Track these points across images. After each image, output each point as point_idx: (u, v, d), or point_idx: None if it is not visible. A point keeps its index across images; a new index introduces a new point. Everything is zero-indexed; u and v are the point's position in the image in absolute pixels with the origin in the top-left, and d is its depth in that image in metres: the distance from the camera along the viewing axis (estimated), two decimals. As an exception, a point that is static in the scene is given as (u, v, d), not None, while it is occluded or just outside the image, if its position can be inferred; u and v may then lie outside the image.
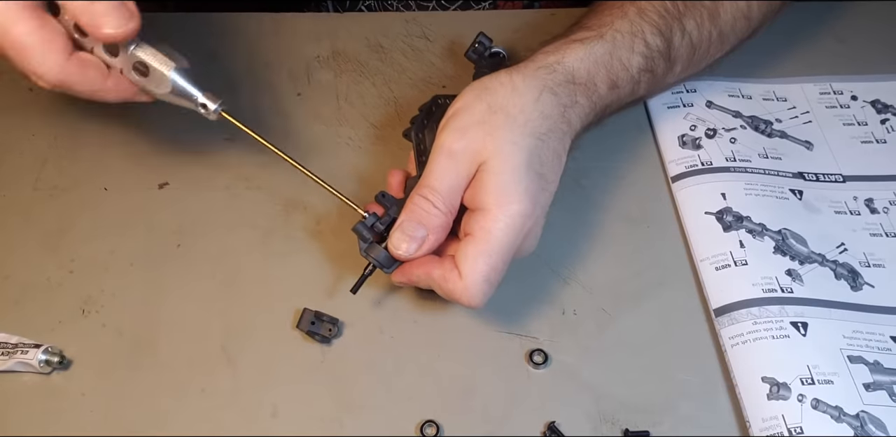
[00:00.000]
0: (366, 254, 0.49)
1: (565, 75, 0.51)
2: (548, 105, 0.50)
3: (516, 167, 0.47)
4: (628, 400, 0.49)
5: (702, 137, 0.61)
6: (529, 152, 0.48)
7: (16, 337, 0.51)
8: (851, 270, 0.54)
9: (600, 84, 0.53)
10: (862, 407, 0.47)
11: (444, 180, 0.48)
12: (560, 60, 0.52)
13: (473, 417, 0.49)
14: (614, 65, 0.53)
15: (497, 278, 0.48)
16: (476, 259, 0.46)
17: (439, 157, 0.48)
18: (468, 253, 0.47)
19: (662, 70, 0.56)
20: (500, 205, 0.47)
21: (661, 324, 0.52)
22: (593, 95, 0.53)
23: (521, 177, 0.47)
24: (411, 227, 0.48)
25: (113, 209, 0.58)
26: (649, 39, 0.54)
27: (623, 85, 0.54)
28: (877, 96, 0.65)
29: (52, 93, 0.65)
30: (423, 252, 0.48)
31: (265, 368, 0.51)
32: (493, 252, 0.47)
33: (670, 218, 0.58)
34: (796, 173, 0.59)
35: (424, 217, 0.48)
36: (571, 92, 0.51)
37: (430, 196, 0.48)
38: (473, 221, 0.48)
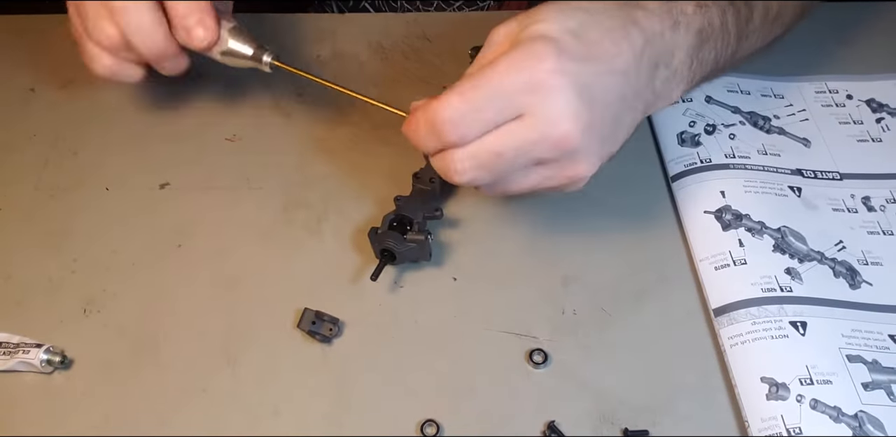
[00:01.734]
0: (378, 244, 0.52)
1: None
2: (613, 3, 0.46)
3: (549, 23, 0.43)
4: (628, 400, 0.49)
5: (701, 133, 0.61)
6: (568, 17, 0.43)
7: (17, 337, 0.51)
8: (850, 268, 0.54)
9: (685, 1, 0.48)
10: (860, 407, 0.47)
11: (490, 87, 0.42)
12: None
13: (473, 417, 0.49)
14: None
15: (477, 105, 0.42)
16: (461, 82, 0.42)
17: (491, 40, 0.45)
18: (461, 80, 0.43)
19: (745, 15, 0.52)
20: (514, 47, 0.42)
21: (661, 324, 0.53)
22: (674, 9, 0.47)
23: (555, 30, 0.42)
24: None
25: (114, 209, 0.58)
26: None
27: (710, 5, 0.49)
28: (872, 95, 0.65)
29: (53, 93, 0.65)
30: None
31: (266, 368, 0.51)
32: (478, 74, 0.42)
33: (670, 218, 0.58)
34: (795, 170, 0.60)
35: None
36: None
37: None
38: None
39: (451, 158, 0.44)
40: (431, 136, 0.43)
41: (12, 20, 0.71)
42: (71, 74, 0.67)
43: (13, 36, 0.69)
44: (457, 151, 0.43)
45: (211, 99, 0.65)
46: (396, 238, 0.52)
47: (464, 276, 0.55)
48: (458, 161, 0.44)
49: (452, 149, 0.43)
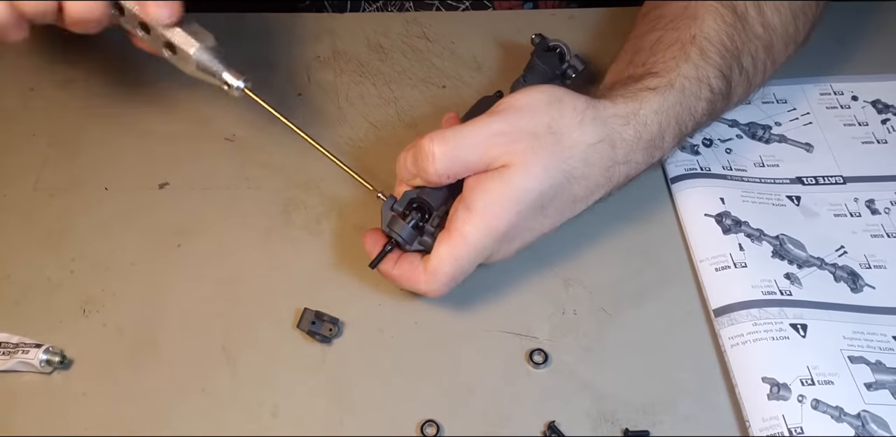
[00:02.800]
0: (388, 229, 0.50)
1: (636, 131, 0.50)
2: (598, 155, 0.49)
3: (528, 190, 0.47)
4: (628, 400, 0.49)
5: (699, 144, 0.61)
6: (550, 185, 0.48)
7: (17, 337, 0.51)
8: (851, 272, 0.54)
9: (668, 139, 0.52)
10: (864, 407, 0.47)
11: (464, 149, 0.47)
12: (636, 112, 0.50)
13: (473, 417, 0.49)
14: (683, 116, 0.52)
15: (462, 277, 0.49)
16: (444, 261, 0.48)
17: (479, 128, 0.48)
18: (440, 252, 0.48)
19: (720, 108, 0.56)
20: (487, 216, 0.47)
21: (661, 324, 0.52)
22: (656, 152, 0.52)
23: (525, 202, 0.47)
24: (408, 160, 0.49)
25: (113, 209, 0.58)
26: (713, 83, 0.53)
27: (688, 133, 0.54)
28: (877, 96, 0.65)
29: (53, 93, 0.65)
30: (415, 184, 0.50)
31: (265, 368, 0.51)
32: (462, 257, 0.48)
33: (670, 218, 0.58)
34: (794, 179, 0.59)
35: (419, 164, 0.48)
36: (633, 150, 0.50)
37: (437, 149, 0.47)
38: (457, 217, 0.48)
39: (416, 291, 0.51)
40: (417, 290, 0.51)
41: (12, 20, 0.70)
42: (70, 74, 0.67)
43: (13, 36, 0.69)
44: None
45: (210, 99, 0.65)
46: (408, 233, 0.50)
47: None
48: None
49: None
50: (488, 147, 0.47)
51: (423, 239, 0.50)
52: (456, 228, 0.48)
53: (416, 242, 0.50)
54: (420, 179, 0.49)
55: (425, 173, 0.48)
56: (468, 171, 0.48)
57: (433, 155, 0.47)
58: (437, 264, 0.48)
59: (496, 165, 0.47)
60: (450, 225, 0.48)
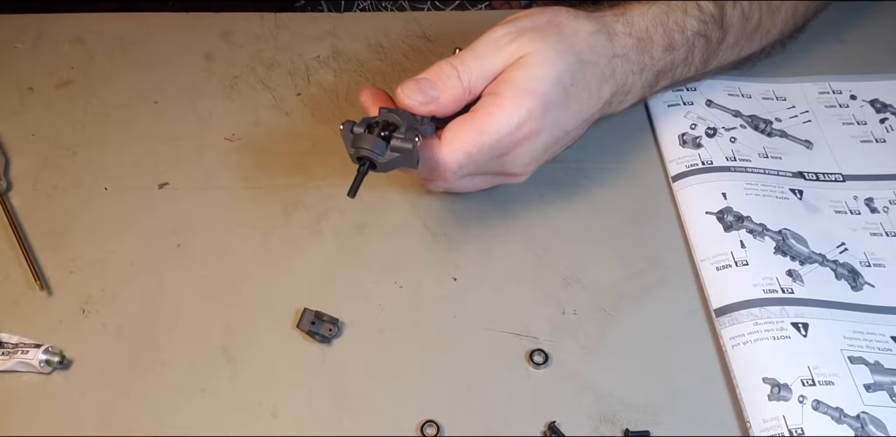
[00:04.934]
0: (354, 149, 0.45)
1: (625, 26, 0.53)
2: (600, 43, 0.51)
3: (549, 70, 0.48)
4: (628, 400, 0.49)
5: (702, 136, 0.61)
6: (566, 65, 0.49)
7: (16, 337, 0.51)
8: (852, 270, 0.54)
9: (657, 43, 0.54)
10: (862, 408, 0.47)
11: (478, 60, 0.49)
12: (623, 12, 0.53)
13: (473, 417, 0.49)
14: (670, 25, 0.54)
15: (477, 160, 0.48)
16: (465, 131, 0.47)
17: (485, 38, 0.49)
18: (461, 124, 0.48)
19: (717, 38, 0.57)
20: (514, 95, 0.47)
21: (662, 324, 0.52)
22: (646, 54, 0.54)
23: (548, 79, 0.48)
24: (426, 84, 0.48)
25: (113, 209, 0.58)
26: (703, 5, 0.56)
27: (678, 47, 0.55)
28: (876, 96, 0.65)
29: (53, 93, 0.65)
30: (427, 112, 0.49)
31: (265, 368, 0.51)
32: (486, 132, 0.47)
33: (671, 218, 0.58)
34: (796, 173, 0.59)
35: (443, 80, 0.48)
36: (626, 44, 0.53)
37: (459, 66, 0.48)
38: (480, 103, 0.48)
39: (430, 183, 0.52)
40: (428, 173, 0.49)
41: (12, 20, 0.71)
42: (69, 74, 0.67)
43: (12, 36, 0.69)
44: (437, 182, 0.51)
45: (210, 99, 0.65)
46: (377, 145, 0.45)
47: (464, 276, 0.55)
48: (434, 187, 0.53)
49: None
50: (499, 48, 0.49)
51: (394, 144, 0.45)
52: (482, 107, 0.48)
53: (387, 151, 0.45)
54: (439, 100, 0.48)
55: (451, 90, 0.48)
56: (487, 78, 0.49)
57: (456, 71, 0.48)
58: (456, 134, 0.47)
59: (512, 61, 0.49)
60: (473, 109, 0.48)
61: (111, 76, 0.66)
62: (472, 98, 0.49)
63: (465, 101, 0.49)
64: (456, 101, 0.49)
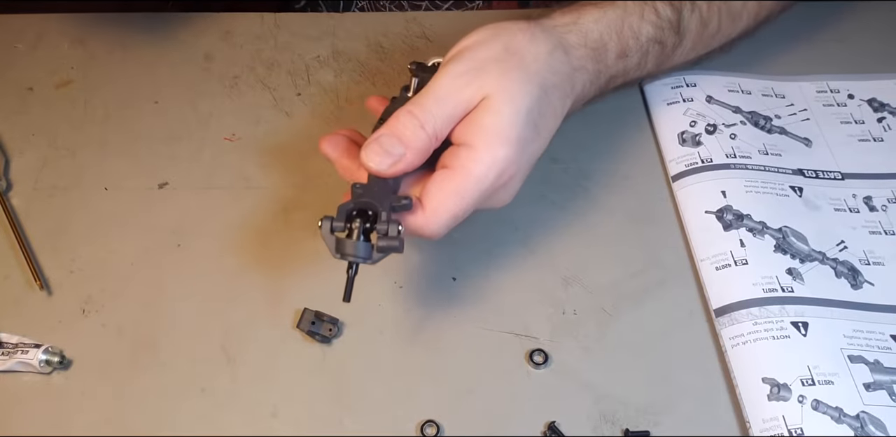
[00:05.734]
0: (340, 255, 0.43)
1: (579, 37, 0.51)
2: (558, 61, 0.49)
3: (518, 111, 0.46)
4: (628, 400, 0.49)
5: (702, 133, 0.61)
6: (533, 100, 0.47)
7: (16, 337, 0.51)
8: (851, 268, 0.54)
9: (610, 51, 0.53)
10: (862, 408, 0.47)
11: (440, 104, 0.46)
12: (576, 21, 0.52)
13: (473, 417, 0.49)
14: (625, 32, 0.53)
15: (464, 216, 0.46)
16: (447, 197, 0.45)
17: (444, 78, 0.46)
18: (442, 188, 0.45)
19: (672, 43, 0.56)
20: (489, 145, 0.45)
21: (662, 324, 0.52)
22: (601, 63, 0.53)
23: (519, 122, 0.46)
24: (389, 142, 0.45)
25: (113, 209, 0.58)
26: (660, 9, 0.55)
27: (632, 54, 0.54)
28: (873, 95, 0.65)
29: (53, 93, 0.65)
30: (396, 172, 0.45)
31: (265, 368, 0.51)
32: (467, 193, 0.45)
33: (671, 218, 0.58)
34: (796, 170, 0.60)
35: (406, 135, 0.45)
36: (582, 56, 0.51)
37: (420, 115, 0.45)
38: (454, 155, 0.46)
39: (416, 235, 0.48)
40: (416, 238, 0.47)
41: (12, 20, 0.71)
42: (69, 74, 0.67)
43: (12, 36, 0.69)
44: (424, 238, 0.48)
45: (210, 99, 0.65)
46: (362, 249, 0.43)
47: (464, 276, 0.55)
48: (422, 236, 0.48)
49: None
50: (460, 89, 0.46)
51: (381, 245, 0.43)
52: (459, 165, 0.45)
53: (374, 251, 0.43)
54: (406, 157, 0.45)
55: (416, 143, 0.45)
56: (452, 121, 0.46)
57: (419, 121, 0.45)
58: (439, 202, 0.45)
59: (475, 102, 0.46)
60: (447, 165, 0.46)
61: (111, 76, 0.66)
62: (439, 144, 0.47)
63: (433, 149, 0.46)
64: (424, 153, 0.46)
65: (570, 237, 0.56)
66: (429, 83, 0.47)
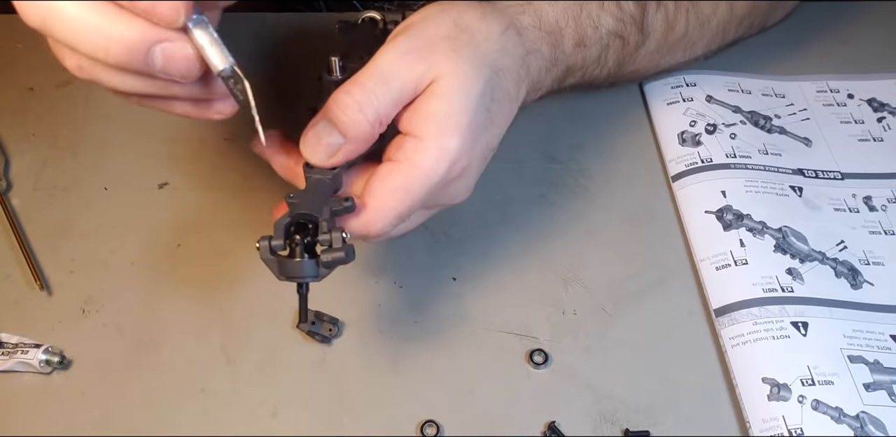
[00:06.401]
0: (285, 278, 0.40)
1: (533, 19, 0.48)
2: (511, 42, 0.45)
3: (468, 94, 0.42)
4: (628, 400, 0.49)
5: (702, 133, 0.61)
6: (485, 81, 0.42)
7: (16, 337, 0.51)
8: (851, 268, 0.54)
9: (567, 37, 0.50)
10: (862, 408, 0.47)
11: (384, 84, 0.40)
12: (530, 2, 0.48)
13: (473, 417, 0.49)
14: (583, 19, 0.50)
15: (409, 214, 0.42)
16: (391, 192, 0.41)
17: (388, 55, 0.41)
18: (385, 183, 0.41)
19: (634, 41, 0.54)
20: (438, 135, 0.41)
21: (662, 324, 0.52)
22: (557, 49, 0.49)
23: (470, 107, 0.42)
24: (325, 129, 0.41)
25: (113, 209, 0.58)
26: (623, 4, 0.52)
27: (591, 45, 0.51)
28: (873, 95, 0.65)
29: (53, 93, 0.65)
30: (336, 162, 0.41)
31: (265, 368, 0.51)
32: (413, 189, 0.41)
33: (671, 218, 0.58)
34: (796, 170, 0.60)
35: (343, 121, 0.40)
36: (537, 38, 0.48)
37: (360, 96, 0.40)
38: (399, 147, 0.41)
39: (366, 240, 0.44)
40: (361, 239, 0.43)
41: (12, 20, 0.70)
42: (69, 74, 0.66)
43: (12, 36, 0.69)
44: (371, 240, 0.44)
45: (210, 98, 0.65)
46: (307, 268, 0.39)
47: (464, 276, 0.55)
48: (369, 243, 0.45)
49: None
50: (408, 68, 0.41)
51: (325, 260, 0.39)
52: (405, 157, 0.41)
53: (320, 268, 0.40)
54: (346, 147, 0.41)
55: (355, 129, 0.40)
56: (398, 105, 0.41)
57: (357, 104, 0.40)
58: (383, 199, 0.41)
59: (425, 85, 0.41)
60: (392, 157, 0.42)
61: (111, 76, 0.66)
62: (383, 129, 0.42)
63: (377, 135, 0.42)
64: (365, 141, 0.41)
65: (569, 237, 0.56)
66: (370, 60, 0.41)
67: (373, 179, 0.41)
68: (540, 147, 0.61)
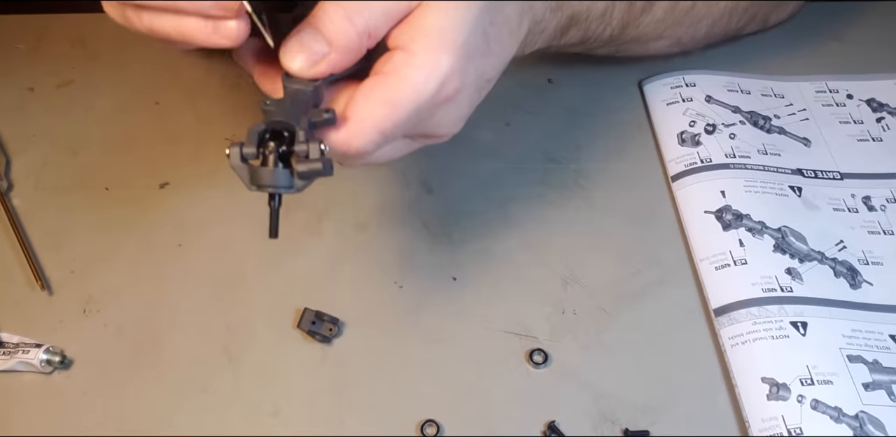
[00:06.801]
0: (256, 187, 0.36)
1: None
2: None
3: (466, 12, 0.38)
4: (628, 400, 0.49)
5: (701, 133, 0.61)
6: (485, 3, 0.39)
7: (17, 337, 0.51)
8: (850, 267, 0.54)
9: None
10: (861, 407, 0.47)
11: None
12: None
13: (473, 417, 0.49)
14: None
15: (393, 135, 0.38)
16: (376, 105, 0.37)
17: None
18: (369, 96, 0.37)
19: (641, 4, 0.52)
20: (429, 49, 0.37)
21: (661, 324, 0.53)
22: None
23: (465, 25, 0.38)
24: (310, 36, 0.37)
25: (114, 209, 0.58)
26: None
27: (576, 16, 0.49)
28: (872, 95, 0.65)
29: (53, 93, 0.65)
30: (318, 73, 0.38)
31: (266, 367, 0.51)
32: (400, 104, 0.37)
33: (670, 217, 0.58)
34: (795, 170, 0.60)
35: (329, 28, 0.37)
36: None
37: (348, 4, 0.37)
38: (388, 60, 0.38)
39: (343, 162, 0.41)
40: (339, 158, 0.40)
41: (12, 20, 0.71)
42: (70, 74, 0.67)
43: (12, 36, 0.69)
44: (351, 162, 0.41)
45: (210, 99, 0.65)
46: (281, 177, 0.36)
47: (464, 276, 0.55)
48: (349, 165, 0.42)
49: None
50: None
51: (301, 170, 0.36)
52: (393, 70, 0.37)
53: (294, 178, 0.36)
54: (330, 57, 0.38)
55: (341, 38, 0.37)
56: (391, 19, 0.38)
57: (346, 12, 0.37)
58: (367, 112, 0.37)
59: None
60: (379, 71, 0.38)
61: (111, 76, 0.66)
62: (373, 44, 0.38)
63: (365, 49, 0.38)
64: (352, 52, 0.38)
65: (569, 237, 0.56)
66: None
67: (357, 92, 0.38)
68: (540, 147, 0.62)
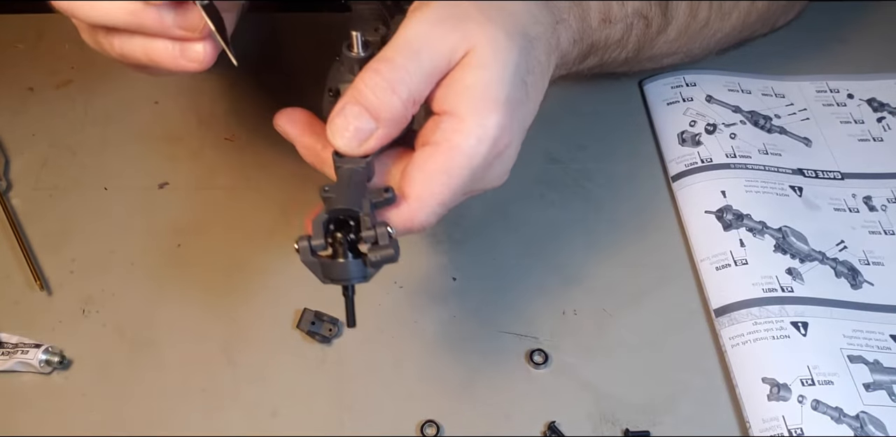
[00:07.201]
0: (330, 281, 0.37)
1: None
2: (541, 12, 0.43)
3: (506, 65, 0.38)
4: (628, 400, 0.49)
5: (702, 132, 0.61)
6: (520, 51, 0.39)
7: (16, 337, 0.51)
8: (851, 268, 0.54)
9: (594, 10, 0.48)
10: (862, 408, 0.47)
11: (415, 59, 0.37)
12: None
13: (473, 417, 0.49)
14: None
15: (454, 202, 0.39)
16: (433, 178, 0.37)
17: (419, 25, 0.37)
18: (423, 168, 0.37)
19: (658, 25, 0.53)
20: (477, 111, 0.37)
21: (662, 324, 0.52)
22: (584, 22, 0.47)
23: (506, 79, 0.38)
24: (355, 113, 0.37)
25: (113, 209, 0.58)
26: None
27: (616, 21, 0.49)
28: (873, 95, 0.65)
29: (53, 93, 0.65)
30: (368, 150, 0.38)
31: (265, 368, 0.51)
32: (456, 172, 0.37)
33: (671, 218, 0.58)
34: (796, 170, 0.60)
35: (373, 102, 0.37)
36: (565, 7, 0.45)
37: (389, 74, 0.36)
38: (436, 128, 0.38)
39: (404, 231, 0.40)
40: (405, 233, 0.40)
41: (12, 20, 0.70)
42: (69, 74, 0.66)
43: (12, 36, 0.69)
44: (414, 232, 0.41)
45: (210, 99, 0.65)
46: (354, 269, 0.36)
47: (464, 276, 0.55)
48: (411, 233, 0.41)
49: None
50: (440, 39, 0.37)
51: (373, 259, 0.36)
52: (444, 139, 0.37)
53: (368, 268, 0.37)
54: (378, 133, 0.38)
55: (388, 111, 0.37)
56: (431, 81, 0.38)
57: (388, 83, 0.36)
58: (424, 186, 0.37)
59: (458, 56, 0.38)
60: (429, 141, 0.38)
61: (111, 76, 0.66)
62: (417, 110, 0.38)
63: (411, 117, 0.38)
64: (399, 124, 0.38)
65: (569, 237, 0.56)
66: (398, 32, 0.38)
67: (410, 166, 0.38)
68: (540, 147, 0.61)
